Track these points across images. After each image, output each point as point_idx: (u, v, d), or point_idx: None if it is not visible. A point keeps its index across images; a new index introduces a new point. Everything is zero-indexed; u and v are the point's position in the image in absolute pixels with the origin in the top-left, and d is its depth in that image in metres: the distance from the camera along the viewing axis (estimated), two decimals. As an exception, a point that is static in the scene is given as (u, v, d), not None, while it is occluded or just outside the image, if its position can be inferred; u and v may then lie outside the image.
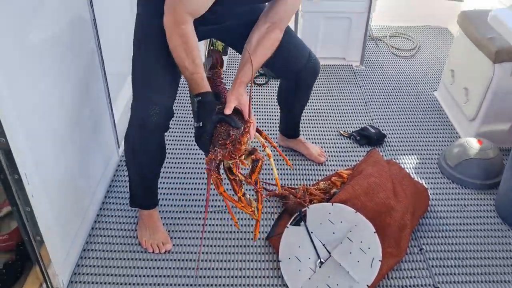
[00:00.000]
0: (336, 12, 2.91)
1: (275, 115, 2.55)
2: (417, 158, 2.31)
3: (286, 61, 1.77)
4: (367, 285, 1.52)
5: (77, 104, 1.64)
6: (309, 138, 2.41)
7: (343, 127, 2.51)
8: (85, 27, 1.71)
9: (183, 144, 2.34)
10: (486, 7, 3.03)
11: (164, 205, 1.96)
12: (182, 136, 2.40)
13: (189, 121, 2.51)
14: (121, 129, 2.23)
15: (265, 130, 2.46)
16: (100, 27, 1.80)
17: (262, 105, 2.69)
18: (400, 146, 2.40)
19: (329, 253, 1.56)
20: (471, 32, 2.35)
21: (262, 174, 2.06)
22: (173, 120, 1.57)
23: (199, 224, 1.87)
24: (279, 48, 1.59)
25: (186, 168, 2.19)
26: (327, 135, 2.46)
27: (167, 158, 1.91)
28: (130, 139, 1.58)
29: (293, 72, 1.83)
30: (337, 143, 2.40)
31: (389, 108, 2.70)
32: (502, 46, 2.10)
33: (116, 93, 2.15)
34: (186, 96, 2.68)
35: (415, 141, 2.43)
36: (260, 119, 2.56)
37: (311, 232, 1.60)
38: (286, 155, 2.23)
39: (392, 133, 2.48)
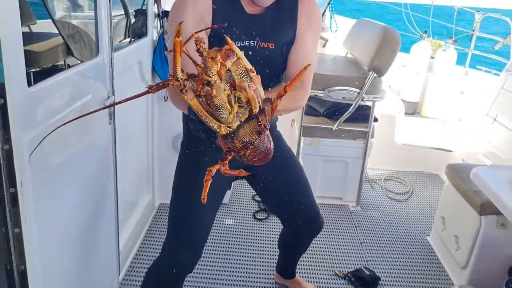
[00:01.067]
0: (334, 156, 3.16)
1: (273, 252, 2.63)
2: (411, 304, 2.33)
3: (292, 214, 1.87)
4: None
5: (88, 231, 1.76)
6: (305, 277, 2.46)
7: (339, 267, 2.57)
8: (106, 162, 1.91)
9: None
10: (475, 156, 3.31)
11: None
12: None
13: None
14: (124, 256, 2.31)
15: (262, 266, 2.52)
16: (119, 161, 1.99)
17: (261, 240, 2.79)
18: (395, 290, 2.44)
19: None
20: (458, 184, 2.54)
21: None
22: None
23: None
24: (290, 194, 1.76)
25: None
26: (323, 274, 2.51)
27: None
28: (154, 274, 1.69)
29: (298, 227, 1.93)
30: (332, 283, 2.44)
31: (383, 250, 2.78)
32: (487, 199, 2.26)
33: (124, 221, 2.27)
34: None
35: (408, 286, 2.47)
36: (258, 253, 2.64)
37: None
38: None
39: (386, 276, 2.53)
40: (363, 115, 3.09)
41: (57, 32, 2.33)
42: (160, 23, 2.69)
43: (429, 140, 4.00)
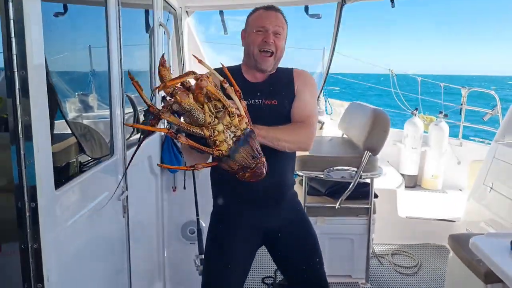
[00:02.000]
0: (339, 233, 3.24)
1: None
2: None
3: (305, 282, 1.96)
4: None
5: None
6: None
7: None
8: (120, 253, 2.02)
9: None
10: (478, 225, 3.37)
11: None
12: None
13: None
14: None
15: None
16: (132, 251, 2.11)
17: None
18: None
19: None
20: (461, 254, 2.59)
21: None
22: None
23: None
24: (307, 262, 1.91)
25: None
26: None
27: None
28: None
29: None
30: None
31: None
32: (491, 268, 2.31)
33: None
34: None
35: None
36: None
37: None
38: None
39: None
40: (363, 192, 3.21)
41: (71, 132, 2.55)
42: (167, 120, 2.91)
43: (432, 211, 4.08)
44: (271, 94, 1.75)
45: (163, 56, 1.20)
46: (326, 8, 3.87)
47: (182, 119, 1.27)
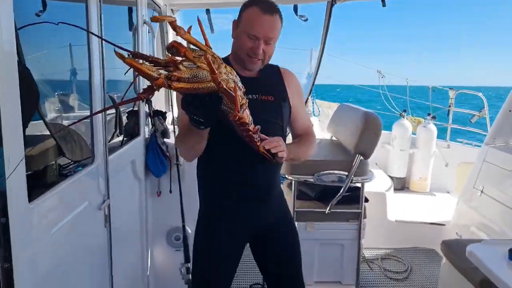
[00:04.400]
0: (329, 239, 3.16)
1: None
2: None
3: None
4: None
5: None
6: None
7: None
8: (102, 263, 1.90)
9: None
10: (469, 229, 3.33)
11: None
12: None
13: None
14: None
15: None
16: (115, 260, 1.99)
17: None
18: None
19: None
20: (455, 262, 2.53)
21: None
22: None
23: None
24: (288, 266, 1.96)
25: None
26: None
27: None
28: None
29: None
30: None
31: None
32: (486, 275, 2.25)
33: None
34: None
35: None
36: None
37: None
38: None
39: None
40: (353, 196, 3.14)
41: (49, 133, 2.41)
42: (151, 122, 2.80)
43: (421, 214, 4.04)
44: (266, 90, 1.76)
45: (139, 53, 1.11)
46: (315, 9, 3.80)
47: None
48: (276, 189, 1.90)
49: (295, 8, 3.56)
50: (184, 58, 1.15)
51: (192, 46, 1.19)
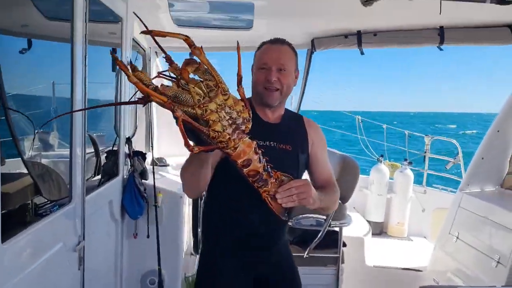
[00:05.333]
0: (307, 285, 3.06)
1: None
2: None
3: None
4: None
5: None
6: None
7: None
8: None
9: None
10: (445, 274, 3.34)
11: None
12: None
13: None
14: None
15: None
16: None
17: None
18: None
19: None
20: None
21: None
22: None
23: None
24: None
25: None
26: None
27: None
28: None
29: None
30: None
31: None
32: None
33: None
34: None
35: None
36: None
37: None
38: None
39: None
40: (331, 240, 3.14)
41: (27, 172, 2.37)
42: (130, 162, 2.79)
43: (399, 260, 4.04)
44: (285, 138, 1.70)
45: (131, 63, 1.11)
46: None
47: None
48: (283, 236, 1.80)
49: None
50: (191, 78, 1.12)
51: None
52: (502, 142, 3.58)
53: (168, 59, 1.15)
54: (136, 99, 1.11)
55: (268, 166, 1.35)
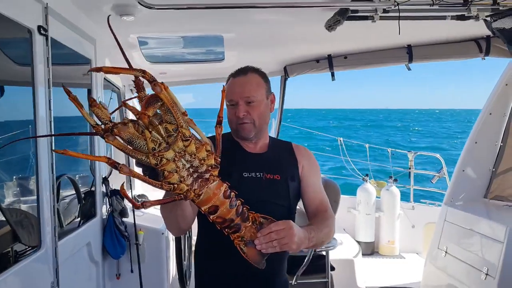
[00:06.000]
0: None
1: None
2: None
3: None
4: None
5: None
6: None
7: None
8: None
9: None
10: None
11: None
12: None
13: None
14: None
15: None
16: None
17: None
18: None
19: None
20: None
21: None
22: None
23: None
24: None
25: None
26: None
27: None
28: None
29: None
30: None
31: None
32: None
33: None
34: None
35: None
36: None
37: None
38: None
39: None
40: (319, 265, 3.10)
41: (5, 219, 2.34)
42: (109, 202, 2.76)
43: (392, 279, 4.00)
44: (273, 167, 1.59)
45: (91, 97, 1.04)
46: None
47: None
48: (280, 279, 1.65)
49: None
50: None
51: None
52: (481, 153, 3.60)
53: (137, 85, 1.06)
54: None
55: (244, 208, 1.23)
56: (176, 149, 1.04)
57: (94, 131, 1.01)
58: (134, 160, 1.09)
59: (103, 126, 1.00)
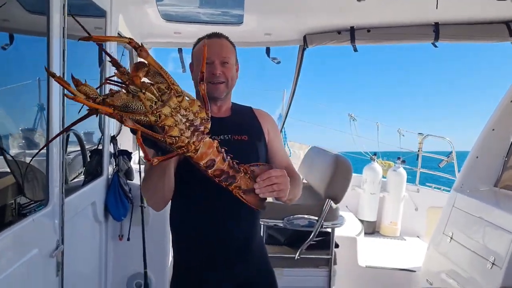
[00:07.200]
0: (298, 287, 3.05)
1: None
2: None
3: None
4: None
5: None
6: None
7: None
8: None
9: None
10: (439, 275, 3.28)
11: None
12: None
13: None
14: None
15: None
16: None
17: None
18: None
19: None
20: (426, 312, 2.47)
21: None
22: None
23: None
24: None
25: None
26: None
27: None
28: None
29: None
30: None
31: None
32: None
33: None
34: None
35: None
36: None
37: None
38: None
39: None
40: (324, 241, 3.06)
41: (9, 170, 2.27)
42: (115, 162, 2.69)
43: (392, 260, 3.98)
44: (239, 129, 1.65)
45: (73, 77, 1.01)
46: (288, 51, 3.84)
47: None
48: (256, 243, 1.68)
49: (268, 51, 3.59)
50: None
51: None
52: (496, 141, 3.51)
53: (115, 63, 1.09)
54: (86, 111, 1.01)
55: (234, 162, 1.31)
56: (172, 104, 1.08)
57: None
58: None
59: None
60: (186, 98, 1.13)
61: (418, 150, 5.10)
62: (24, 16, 2.06)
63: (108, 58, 1.11)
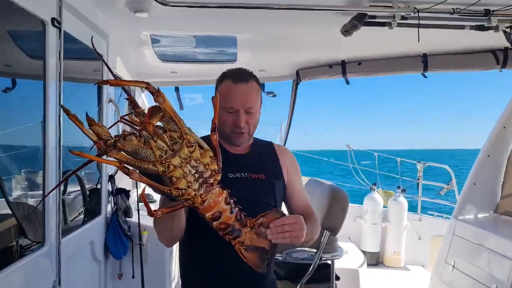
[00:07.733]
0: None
1: None
2: None
3: None
4: None
5: None
6: None
7: None
8: None
9: None
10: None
11: None
12: None
13: None
14: None
15: None
16: None
17: None
18: None
19: None
20: None
21: None
22: None
23: None
24: None
25: None
26: None
27: None
28: None
29: None
30: None
31: None
32: None
33: None
34: None
35: None
36: None
37: None
38: None
39: None
40: (324, 274, 3.04)
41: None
42: (114, 200, 2.72)
43: None
44: (257, 167, 1.60)
45: (88, 116, 1.03)
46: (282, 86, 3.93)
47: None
48: (268, 280, 1.63)
49: (262, 86, 3.67)
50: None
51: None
52: (493, 167, 3.54)
53: (132, 102, 1.10)
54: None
55: (242, 215, 1.25)
56: (182, 155, 1.06)
57: (96, 148, 1.02)
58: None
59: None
60: (199, 148, 1.10)
61: (418, 179, 5.11)
62: (25, 60, 2.15)
63: (125, 95, 1.13)
